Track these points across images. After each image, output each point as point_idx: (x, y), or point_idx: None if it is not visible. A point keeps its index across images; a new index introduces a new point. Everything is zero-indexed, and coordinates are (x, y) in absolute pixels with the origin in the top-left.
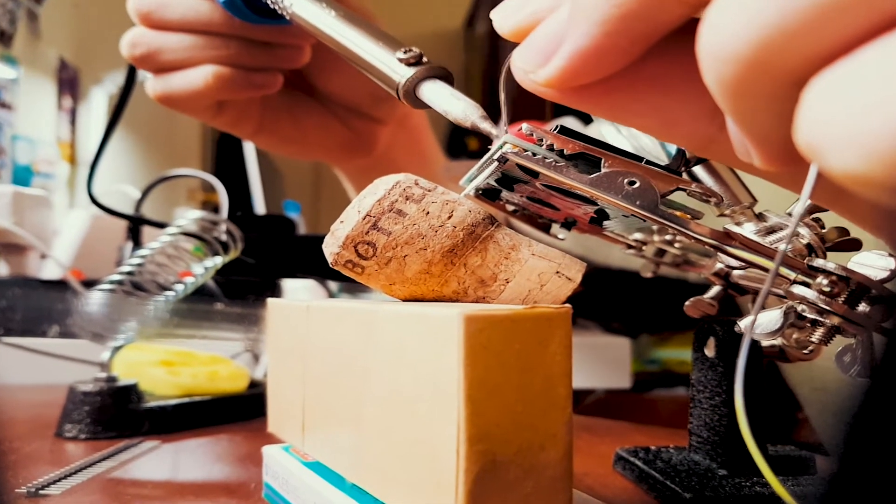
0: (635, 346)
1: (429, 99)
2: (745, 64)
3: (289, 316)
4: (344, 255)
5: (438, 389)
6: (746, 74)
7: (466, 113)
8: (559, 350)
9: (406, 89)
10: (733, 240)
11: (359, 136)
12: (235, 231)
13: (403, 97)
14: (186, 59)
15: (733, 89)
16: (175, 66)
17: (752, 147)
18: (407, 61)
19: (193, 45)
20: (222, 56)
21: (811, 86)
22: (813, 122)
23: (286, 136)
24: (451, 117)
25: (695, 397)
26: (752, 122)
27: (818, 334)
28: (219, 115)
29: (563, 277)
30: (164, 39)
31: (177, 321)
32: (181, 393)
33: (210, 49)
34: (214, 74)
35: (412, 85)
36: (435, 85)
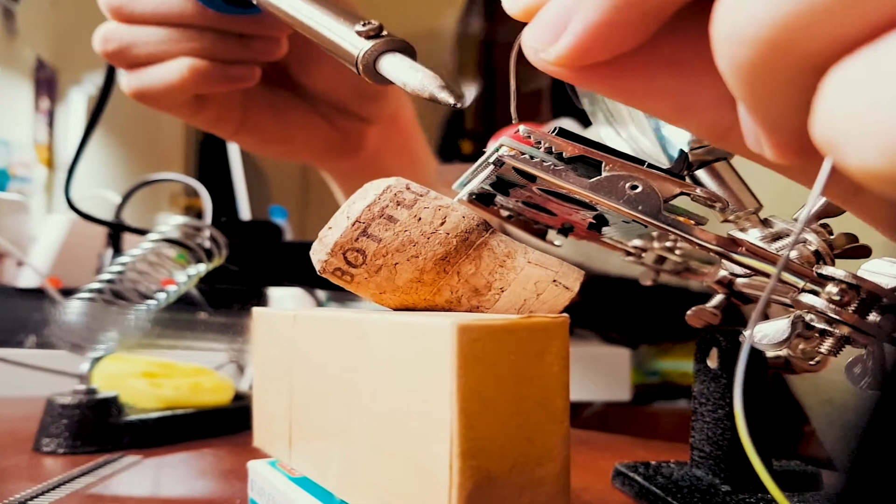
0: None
1: (387, 72)
2: (763, 47)
3: (275, 326)
4: (332, 263)
5: (430, 402)
6: (763, 58)
7: (424, 83)
8: (556, 361)
9: (365, 63)
10: (739, 246)
11: (345, 136)
12: (220, 237)
13: (363, 72)
14: (160, 53)
15: (748, 74)
16: (149, 61)
17: (764, 137)
18: (366, 34)
19: (167, 38)
20: (196, 49)
21: (831, 74)
22: (831, 114)
23: (269, 135)
24: (410, 89)
25: (697, 410)
26: (766, 111)
27: (827, 345)
28: (198, 113)
29: (561, 286)
30: (136, 33)
31: (159, 331)
32: (163, 406)
33: (184, 42)
34: (189, 67)
35: (371, 58)
36: (394, 58)
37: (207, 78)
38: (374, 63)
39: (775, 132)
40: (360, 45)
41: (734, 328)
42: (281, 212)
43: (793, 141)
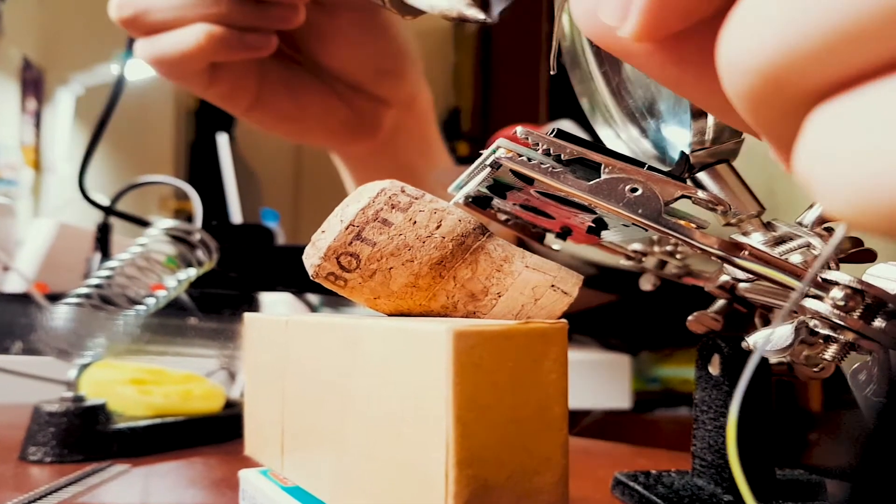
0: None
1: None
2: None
3: (267, 331)
4: (325, 267)
5: (426, 409)
6: (762, 89)
7: (452, 3)
8: (554, 368)
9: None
10: (741, 250)
11: (361, 117)
12: (210, 241)
13: (390, 3)
14: (176, 19)
15: (749, 101)
16: (164, 27)
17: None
18: None
19: (183, 3)
20: (213, 15)
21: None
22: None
23: (283, 112)
24: (438, 11)
25: (698, 418)
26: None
27: (831, 351)
28: (212, 85)
29: (559, 291)
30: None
31: (148, 337)
32: (153, 413)
33: (200, 7)
34: (206, 34)
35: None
36: None
37: (224, 45)
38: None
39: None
40: None
41: (736, 334)
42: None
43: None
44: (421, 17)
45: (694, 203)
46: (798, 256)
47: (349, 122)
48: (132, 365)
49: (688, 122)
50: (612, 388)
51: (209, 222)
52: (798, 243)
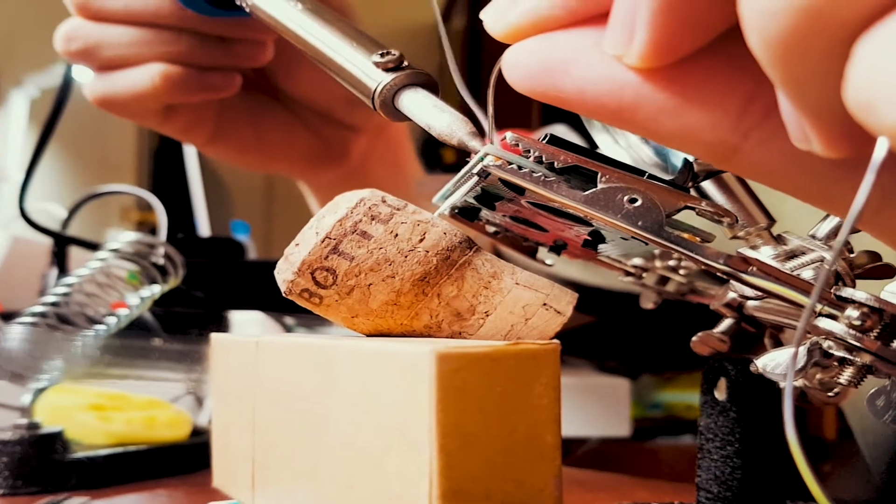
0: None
1: (409, 110)
2: (798, 16)
3: (237, 353)
4: (299, 284)
5: (407, 438)
6: (798, 29)
7: (452, 128)
8: (546, 392)
9: (383, 98)
10: (749, 265)
11: (329, 146)
12: (176, 256)
13: (380, 108)
14: (131, 56)
15: (783, 49)
16: (117, 64)
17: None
18: (384, 66)
19: (139, 39)
20: (172, 52)
21: (865, 38)
22: (865, 73)
23: (246, 144)
24: (435, 133)
25: (703, 447)
26: (807, 91)
27: (847, 374)
28: (168, 121)
29: (552, 310)
30: (105, 33)
31: (109, 359)
32: (113, 442)
33: (158, 44)
34: (162, 74)
35: (390, 93)
36: (417, 94)
37: (182, 86)
38: (394, 98)
39: (820, 117)
40: (377, 77)
41: (744, 356)
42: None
43: (840, 125)
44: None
45: (698, 214)
46: (810, 272)
47: (316, 152)
48: (91, 389)
49: None
50: (610, 415)
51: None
52: (811, 258)
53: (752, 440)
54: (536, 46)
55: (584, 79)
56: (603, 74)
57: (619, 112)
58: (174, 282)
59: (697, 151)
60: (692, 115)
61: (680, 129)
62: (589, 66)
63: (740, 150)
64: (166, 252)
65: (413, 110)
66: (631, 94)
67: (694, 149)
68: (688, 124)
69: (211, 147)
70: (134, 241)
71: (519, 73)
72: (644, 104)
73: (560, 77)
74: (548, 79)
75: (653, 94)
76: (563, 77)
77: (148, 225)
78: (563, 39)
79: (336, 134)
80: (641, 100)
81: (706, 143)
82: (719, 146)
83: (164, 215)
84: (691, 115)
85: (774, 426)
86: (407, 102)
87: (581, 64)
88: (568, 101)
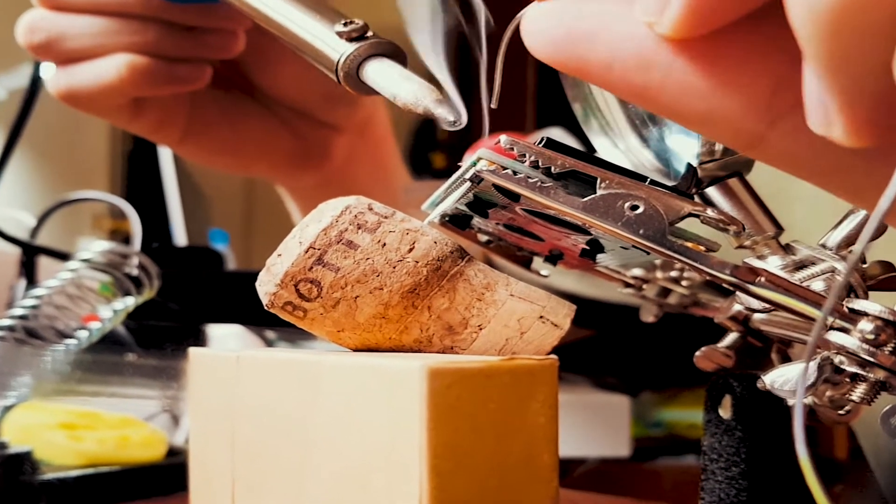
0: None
1: (374, 81)
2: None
3: (215, 369)
4: (282, 296)
5: (396, 458)
6: (854, 2)
7: (418, 96)
8: (543, 410)
9: (347, 69)
10: (756, 276)
11: (309, 146)
12: (150, 266)
13: (344, 80)
14: (95, 47)
15: (831, 23)
16: (82, 56)
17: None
18: (348, 35)
19: (104, 29)
20: (138, 43)
21: None
22: None
23: (220, 144)
24: (401, 102)
25: (707, 467)
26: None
27: (859, 391)
28: (137, 118)
29: (549, 323)
30: (68, 23)
31: (80, 375)
32: (85, 462)
33: (124, 35)
34: (129, 65)
35: (354, 64)
36: (382, 64)
37: (149, 78)
38: (358, 70)
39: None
40: (340, 48)
41: (751, 372)
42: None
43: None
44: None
45: (702, 222)
46: (821, 283)
47: (295, 153)
48: (61, 407)
49: None
50: (609, 434)
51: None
52: (821, 268)
53: (758, 461)
54: (562, 11)
55: (611, 53)
56: (632, 49)
57: (645, 91)
58: (149, 293)
59: (722, 137)
60: (721, 99)
61: (706, 113)
62: (617, 38)
63: (767, 138)
64: (140, 262)
65: (378, 81)
66: (659, 73)
67: (719, 134)
68: (715, 108)
69: (183, 146)
70: (106, 251)
71: (540, 40)
72: (672, 84)
73: (585, 48)
74: (572, 49)
75: (683, 73)
76: (589, 48)
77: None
78: (590, 6)
79: (316, 133)
80: (670, 79)
81: (733, 129)
82: (745, 133)
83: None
84: (720, 98)
85: (782, 446)
86: (371, 73)
87: (609, 36)
88: (592, 74)
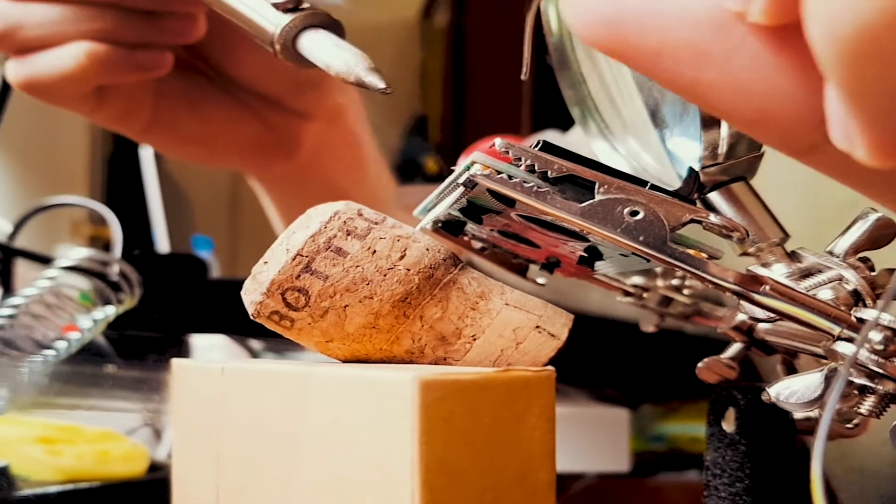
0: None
1: (308, 51)
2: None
3: (199, 381)
4: (269, 305)
5: (387, 474)
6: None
7: (350, 64)
8: (539, 424)
9: (283, 41)
10: (761, 284)
11: (278, 135)
12: (132, 274)
13: (280, 52)
14: (53, 36)
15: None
16: (39, 45)
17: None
18: (283, 7)
19: (60, 17)
20: (96, 30)
21: None
22: None
23: (186, 134)
24: (333, 72)
25: (710, 483)
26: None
27: (868, 404)
28: (99, 108)
29: (545, 333)
30: (23, 11)
31: (58, 387)
32: (64, 478)
33: (81, 22)
34: (87, 53)
35: (290, 36)
36: (317, 34)
37: (109, 65)
38: (294, 42)
39: (877, 125)
40: (276, 20)
41: (755, 384)
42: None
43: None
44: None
45: (705, 229)
46: (828, 292)
47: (264, 141)
48: (39, 421)
49: (697, 133)
50: (608, 448)
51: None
52: (828, 276)
53: (763, 476)
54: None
55: (661, 39)
56: (685, 39)
57: (695, 86)
58: (130, 302)
59: (772, 141)
60: (776, 102)
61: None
62: (671, 24)
63: (819, 146)
64: (121, 270)
65: (312, 51)
66: (714, 69)
67: (769, 138)
68: (769, 111)
69: (149, 136)
70: (86, 258)
71: (583, 19)
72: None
73: (633, 31)
74: (617, 31)
75: (739, 70)
76: (638, 32)
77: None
78: None
79: (284, 121)
80: (724, 76)
81: (785, 133)
82: (798, 139)
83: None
84: (775, 101)
85: (788, 461)
86: (307, 43)
87: (661, 20)
88: (639, 62)
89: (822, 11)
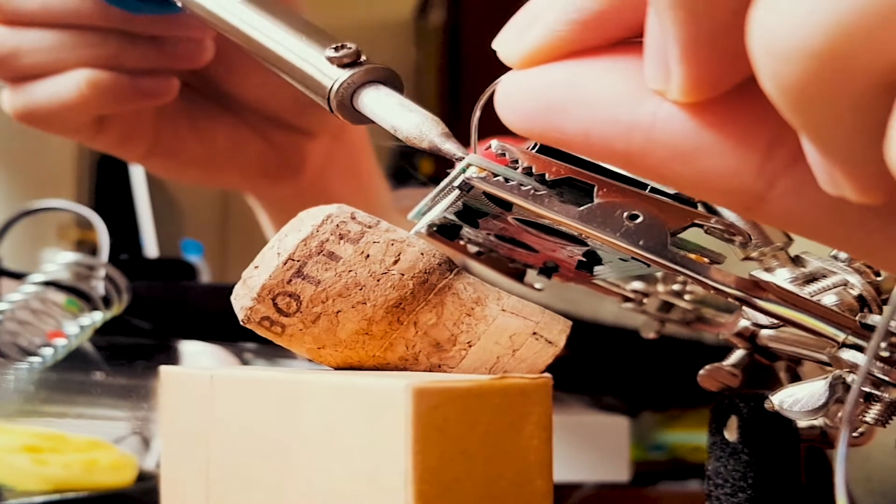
0: (635, 428)
1: (371, 111)
2: (814, 63)
3: (188, 388)
4: (259, 311)
5: (381, 483)
6: (818, 77)
7: (422, 129)
8: (536, 432)
9: (340, 98)
10: (764, 290)
11: (282, 155)
12: (119, 279)
13: (337, 109)
14: (52, 63)
15: (798, 98)
16: (38, 73)
17: (839, 172)
18: (340, 61)
19: (60, 43)
20: (98, 56)
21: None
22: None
23: (189, 156)
24: (402, 135)
25: (712, 493)
26: (832, 140)
27: (874, 412)
28: (100, 134)
29: (542, 340)
30: (21, 38)
31: (44, 395)
32: (50, 488)
33: (82, 48)
34: (89, 81)
35: (348, 92)
36: (378, 92)
37: (112, 94)
38: (352, 98)
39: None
40: (333, 74)
41: (758, 392)
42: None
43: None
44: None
45: (707, 233)
46: (832, 297)
47: (269, 162)
48: (25, 429)
49: None
50: (607, 457)
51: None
52: (832, 281)
53: (766, 486)
54: (532, 82)
55: (587, 120)
56: (608, 115)
57: (628, 157)
58: (117, 308)
59: (717, 199)
60: (710, 160)
61: (696, 176)
62: (591, 105)
63: (766, 198)
64: (108, 275)
65: (376, 110)
66: (640, 137)
67: (713, 196)
68: (705, 170)
69: (151, 161)
70: (73, 263)
71: (514, 114)
72: (656, 148)
73: (560, 117)
74: (547, 119)
75: (665, 136)
76: (564, 117)
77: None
78: (561, 73)
79: (289, 140)
80: (652, 143)
81: (727, 190)
82: (742, 194)
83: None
84: (709, 159)
85: (791, 471)
86: (368, 102)
87: (582, 103)
88: (571, 143)
89: (765, 68)
